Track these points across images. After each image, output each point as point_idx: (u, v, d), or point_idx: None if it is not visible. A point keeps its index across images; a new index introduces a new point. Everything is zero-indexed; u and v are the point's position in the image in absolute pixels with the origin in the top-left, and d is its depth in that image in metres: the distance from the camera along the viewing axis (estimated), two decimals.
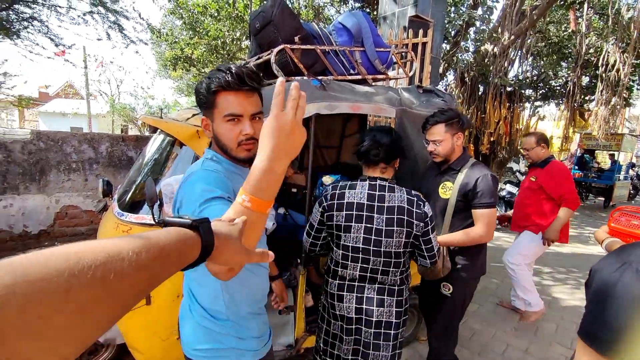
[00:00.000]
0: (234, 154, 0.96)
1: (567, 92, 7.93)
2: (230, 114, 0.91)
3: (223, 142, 0.96)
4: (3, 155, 2.57)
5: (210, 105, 0.94)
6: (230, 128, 0.93)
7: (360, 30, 2.13)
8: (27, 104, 13.07)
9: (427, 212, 1.41)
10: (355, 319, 1.43)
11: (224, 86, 0.90)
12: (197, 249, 0.47)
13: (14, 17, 7.32)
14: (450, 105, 2.45)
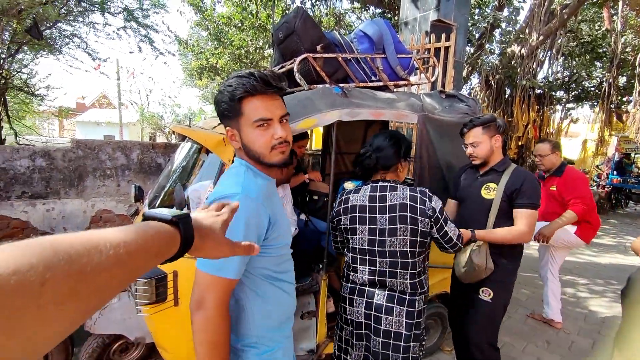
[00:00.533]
0: (267, 160, 0.92)
1: (602, 93, 7.53)
2: (260, 119, 0.87)
3: (255, 150, 0.91)
4: (47, 163, 2.76)
5: (235, 113, 0.89)
6: (261, 134, 0.89)
7: (381, 37, 2.14)
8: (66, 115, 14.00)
9: (435, 207, 1.36)
10: (365, 324, 1.42)
11: (250, 91, 0.86)
12: (177, 244, 0.47)
13: (57, 34, 7.87)
14: (474, 110, 2.41)
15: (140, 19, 8.62)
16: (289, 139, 0.93)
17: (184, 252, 0.49)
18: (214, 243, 0.54)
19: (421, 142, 2.14)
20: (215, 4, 9.82)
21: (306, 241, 2.19)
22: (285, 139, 0.91)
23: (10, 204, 2.67)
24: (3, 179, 2.63)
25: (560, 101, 9.31)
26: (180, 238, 0.47)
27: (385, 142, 1.43)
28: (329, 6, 9.07)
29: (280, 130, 0.90)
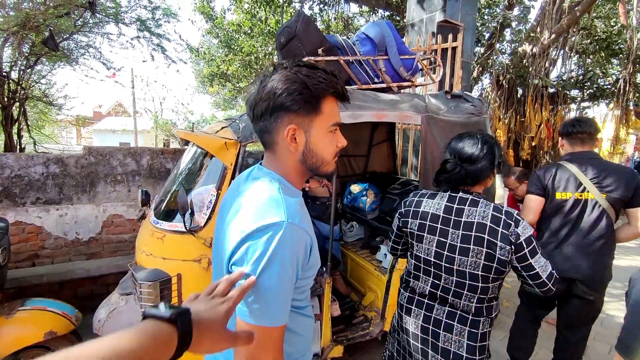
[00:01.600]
0: (326, 168, 0.81)
1: (618, 91, 7.30)
2: (337, 123, 0.79)
3: (321, 156, 0.79)
4: (60, 169, 2.84)
5: (311, 109, 0.75)
6: (332, 139, 0.79)
7: (383, 39, 2.14)
8: (83, 123, 14.45)
9: (520, 233, 1.14)
10: (422, 339, 1.28)
11: (335, 92, 0.76)
12: (173, 345, 0.45)
13: (73, 45, 8.14)
14: (480, 110, 2.37)
15: (152, 28, 8.85)
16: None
17: (181, 353, 0.46)
18: (212, 339, 0.50)
19: (426, 143, 2.12)
20: (225, 12, 10.00)
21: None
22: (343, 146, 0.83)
23: (25, 209, 2.76)
24: (19, 185, 2.72)
25: (575, 100, 9.07)
26: (177, 337, 0.45)
27: (478, 151, 1.20)
28: (337, 11, 9.12)
29: (342, 138, 0.82)
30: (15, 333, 1.76)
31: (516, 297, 3.49)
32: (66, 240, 2.94)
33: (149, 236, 1.74)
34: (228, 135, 1.73)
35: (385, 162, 3.77)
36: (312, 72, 0.74)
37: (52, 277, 2.69)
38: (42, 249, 2.87)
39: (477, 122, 2.37)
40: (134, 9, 8.51)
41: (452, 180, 1.23)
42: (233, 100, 17.19)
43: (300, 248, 0.70)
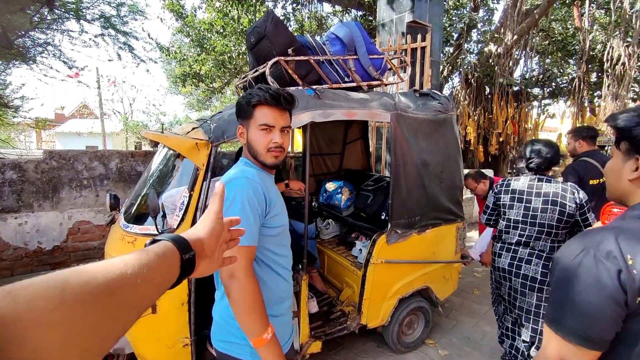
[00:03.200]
0: (262, 159, 1.09)
1: (574, 89, 7.81)
2: (264, 124, 1.06)
3: (255, 148, 1.09)
4: (18, 175, 2.69)
5: (248, 115, 1.09)
6: (262, 135, 1.07)
7: (352, 39, 2.18)
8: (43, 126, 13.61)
9: (582, 198, 1.81)
10: (508, 271, 1.93)
11: (262, 101, 1.06)
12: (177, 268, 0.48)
13: (30, 43, 7.67)
14: (447, 107, 2.47)
15: (118, 26, 8.49)
16: (284, 147, 1.11)
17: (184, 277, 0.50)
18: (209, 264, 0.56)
19: (395, 140, 2.18)
20: (196, 10, 9.75)
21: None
22: (280, 145, 1.09)
23: None
24: None
25: (537, 97, 9.60)
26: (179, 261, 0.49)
27: (552, 150, 1.89)
28: (311, 10, 9.13)
29: (278, 137, 1.08)
30: None
31: (487, 285, 3.66)
32: (27, 251, 2.78)
33: (119, 241, 1.69)
34: (199, 136, 1.70)
35: (359, 160, 3.83)
36: (254, 90, 1.08)
37: None
38: (0, 260, 2.70)
39: (445, 119, 2.47)
40: (96, 5, 8.13)
41: (538, 169, 1.91)
42: (207, 101, 16.78)
43: (254, 189, 1.03)
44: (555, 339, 0.59)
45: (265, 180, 1.09)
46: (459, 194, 2.65)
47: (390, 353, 2.50)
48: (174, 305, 1.65)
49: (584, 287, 0.55)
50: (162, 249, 0.47)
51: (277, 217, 1.10)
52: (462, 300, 3.34)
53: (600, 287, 0.54)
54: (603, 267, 0.55)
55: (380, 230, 2.27)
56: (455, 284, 2.75)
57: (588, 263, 0.56)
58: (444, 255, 2.58)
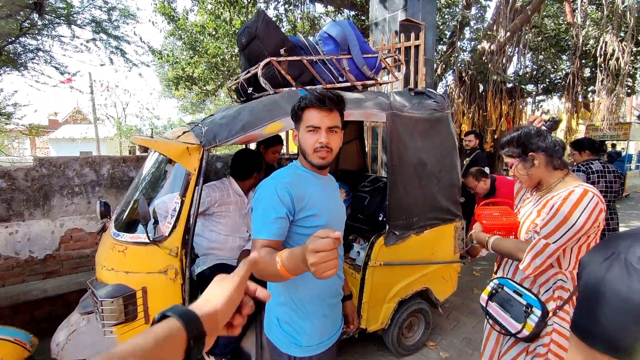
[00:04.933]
0: (310, 159, 1.15)
1: (568, 85, 7.84)
2: (311, 125, 1.12)
3: (303, 149, 1.16)
4: (7, 184, 2.63)
5: (298, 119, 1.16)
6: (310, 136, 1.13)
7: (345, 38, 2.15)
8: (37, 132, 13.47)
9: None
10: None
11: (308, 104, 1.12)
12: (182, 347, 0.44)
13: (20, 49, 7.57)
14: (442, 106, 2.45)
15: (109, 30, 8.41)
16: (332, 147, 1.14)
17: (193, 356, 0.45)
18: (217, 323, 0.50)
19: (391, 140, 2.15)
20: (188, 13, 9.68)
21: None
22: (325, 144, 1.12)
23: None
24: None
25: (531, 94, 9.62)
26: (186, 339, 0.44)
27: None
28: (303, 11, 9.10)
29: (324, 137, 1.11)
30: None
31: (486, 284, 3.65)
32: (18, 260, 2.72)
33: (110, 250, 1.64)
34: (190, 140, 1.66)
35: (355, 160, 3.80)
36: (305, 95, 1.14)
37: (2, 302, 2.48)
38: None
39: (440, 117, 2.44)
40: (87, 10, 8.04)
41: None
42: (201, 104, 16.67)
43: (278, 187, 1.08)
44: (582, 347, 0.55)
45: (304, 180, 1.15)
46: (457, 193, 2.62)
47: (391, 356, 2.47)
48: None
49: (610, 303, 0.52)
50: (165, 331, 0.42)
51: (314, 217, 1.12)
52: (462, 300, 3.31)
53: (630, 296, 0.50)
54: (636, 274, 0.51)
55: (378, 232, 2.24)
56: (455, 284, 2.73)
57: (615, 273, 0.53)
58: (443, 255, 2.55)
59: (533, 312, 1.25)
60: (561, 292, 1.26)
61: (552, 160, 1.32)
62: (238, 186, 2.07)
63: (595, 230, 1.22)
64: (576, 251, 1.26)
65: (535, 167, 1.34)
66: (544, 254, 1.23)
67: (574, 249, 1.26)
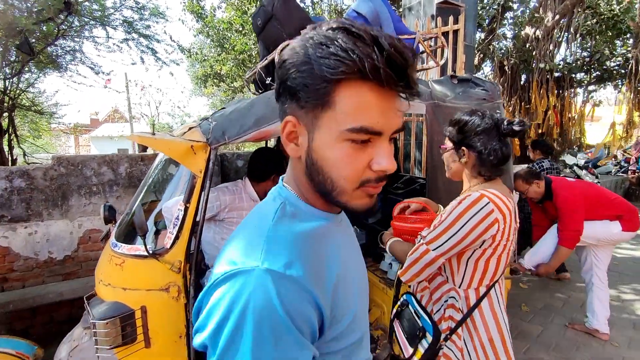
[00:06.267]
0: (344, 200, 0.51)
1: (629, 72, 6.94)
2: (362, 128, 0.46)
3: (332, 178, 0.50)
4: (26, 183, 2.57)
5: (318, 99, 0.47)
6: (352, 154, 0.48)
7: (377, 16, 1.83)
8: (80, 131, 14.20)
9: None
10: None
11: (364, 72, 0.43)
12: None
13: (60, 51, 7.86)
14: (493, 95, 2.07)
15: (140, 30, 8.56)
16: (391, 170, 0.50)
17: None
18: None
19: (432, 135, 1.83)
20: (215, 10, 9.69)
21: None
22: (388, 172, 0.50)
23: None
24: None
25: (582, 83, 8.70)
26: None
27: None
28: (330, 4, 8.79)
29: (388, 158, 0.49)
30: None
31: (537, 299, 3.20)
32: (38, 261, 2.67)
33: (107, 262, 1.46)
34: (196, 137, 1.43)
35: None
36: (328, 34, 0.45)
37: (20, 304, 2.42)
38: (11, 271, 2.60)
39: (491, 108, 2.06)
40: (119, 11, 8.21)
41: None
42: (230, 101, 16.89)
43: (292, 307, 0.42)
44: None
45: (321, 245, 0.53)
46: None
47: None
48: (170, 338, 1.40)
49: None
50: None
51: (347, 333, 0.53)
52: (510, 318, 2.90)
53: None
54: None
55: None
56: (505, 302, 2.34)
57: None
58: None
59: (425, 338, 1.12)
60: (452, 311, 1.11)
61: (480, 166, 1.15)
62: (253, 189, 1.83)
63: (494, 244, 1.05)
64: (472, 267, 1.08)
65: (460, 163, 1.21)
66: (422, 260, 1.10)
67: (470, 265, 1.09)
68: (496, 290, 1.13)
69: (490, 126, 1.13)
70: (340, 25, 0.46)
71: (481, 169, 1.16)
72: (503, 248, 1.07)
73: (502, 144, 1.13)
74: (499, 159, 1.12)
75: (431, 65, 2.19)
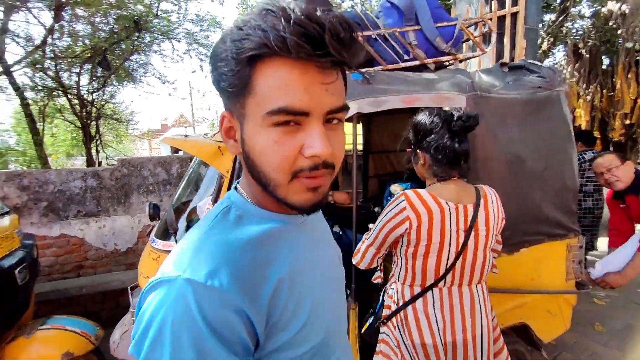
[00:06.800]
0: (281, 194, 0.47)
1: None
2: (285, 109, 0.42)
3: (261, 169, 0.47)
4: (97, 182, 2.91)
5: (239, 87, 0.44)
6: (279, 140, 0.44)
7: (412, 5, 1.72)
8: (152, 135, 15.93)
9: None
10: None
11: (271, 47, 0.40)
12: None
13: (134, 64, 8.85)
14: (552, 82, 1.81)
15: (200, 40, 9.25)
16: (334, 161, 0.47)
17: None
18: None
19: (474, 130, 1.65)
20: None
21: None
22: (325, 158, 0.44)
23: (68, 222, 2.87)
24: (61, 199, 2.84)
25: None
26: None
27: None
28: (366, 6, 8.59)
29: (320, 140, 0.43)
30: (34, 354, 1.73)
31: (613, 317, 2.74)
32: (106, 252, 3.01)
33: (147, 256, 1.58)
34: None
35: None
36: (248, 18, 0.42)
37: (91, 289, 2.76)
38: (86, 260, 2.97)
39: (548, 97, 1.81)
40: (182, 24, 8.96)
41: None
42: None
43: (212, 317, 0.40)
44: None
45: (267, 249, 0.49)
46: (572, 199, 1.94)
47: None
48: None
49: None
50: None
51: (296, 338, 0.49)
52: (577, 337, 2.53)
53: None
54: None
55: None
56: (567, 321, 2.04)
57: None
58: (549, 282, 1.92)
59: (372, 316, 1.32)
60: (389, 300, 1.21)
61: (433, 166, 1.14)
62: None
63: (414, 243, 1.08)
64: (405, 262, 1.13)
65: (419, 165, 1.20)
66: (361, 249, 1.24)
67: (403, 259, 1.14)
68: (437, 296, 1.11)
69: (439, 124, 1.12)
70: (261, 6, 0.42)
71: (435, 169, 1.14)
72: (426, 249, 1.07)
73: (455, 141, 1.10)
74: (450, 157, 1.10)
75: (475, 53, 1.99)
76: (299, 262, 0.52)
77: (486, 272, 1.18)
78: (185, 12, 8.92)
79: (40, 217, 2.80)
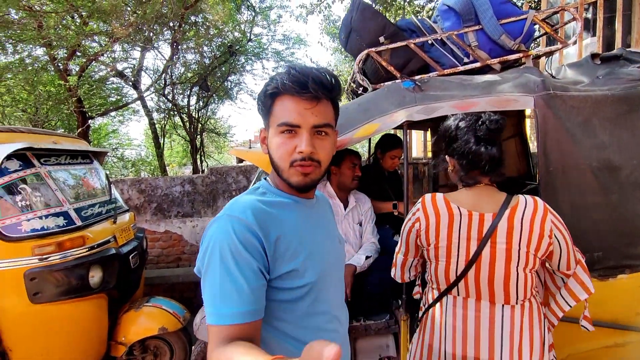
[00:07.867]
0: (285, 176, 0.74)
1: None
2: (285, 123, 0.71)
3: (274, 161, 0.75)
4: (192, 188, 3.44)
5: (267, 111, 0.76)
6: (283, 142, 0.72)
7: (470, 6, 1.62)
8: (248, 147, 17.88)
9: None
10: None
11: (280, 89, 0.71)
12: None
13: (230, 84, 10.11)
14: None
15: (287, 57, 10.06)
16: (319, 158, 0.73)
17: None
18: None
19: (545, 134, 1.47)
20: None
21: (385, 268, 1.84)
22: (308, 155, 0.71)
23: (170, 221, 3.45)
24: (166, 202, 3.44)
25: None
26: None
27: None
28: None
29: (305, 143, 0.70)
30: (141, 324, 2.16)
31: None
32: (198, 248, 3.52)
33: None
34: None
35: (514, 164, 2.91)
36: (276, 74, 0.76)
37: (185, 278, 3.26)
38: (183, 253, 3.52)
39: None
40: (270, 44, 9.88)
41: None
42: None
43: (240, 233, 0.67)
44: None
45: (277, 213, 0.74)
46: None
47: None
48: None
49: None
50: None
51: (294, 274, 0.72)
52: None
53: None
54: None
55: None
56: None
57: None
58: None
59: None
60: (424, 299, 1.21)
61: (460, 172, 1.10)
62: (331, 188, 1.92)
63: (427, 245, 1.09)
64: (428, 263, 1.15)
65: (450, 171, 1.17)
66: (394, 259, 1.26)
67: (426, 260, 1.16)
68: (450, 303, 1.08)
69: (465, 129, 1.05)
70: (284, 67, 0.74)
71: (461, 175, 1.10)
72: (435, 252, 1.07)
73: (480, 146, 1.02)
74: (475, 162, 1.03)
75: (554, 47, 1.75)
76: (299, 227, 0.76)
77: (518, 294, 1.02)
78: (274, 34, 9.82)
79: (151, 215, 3.45)
